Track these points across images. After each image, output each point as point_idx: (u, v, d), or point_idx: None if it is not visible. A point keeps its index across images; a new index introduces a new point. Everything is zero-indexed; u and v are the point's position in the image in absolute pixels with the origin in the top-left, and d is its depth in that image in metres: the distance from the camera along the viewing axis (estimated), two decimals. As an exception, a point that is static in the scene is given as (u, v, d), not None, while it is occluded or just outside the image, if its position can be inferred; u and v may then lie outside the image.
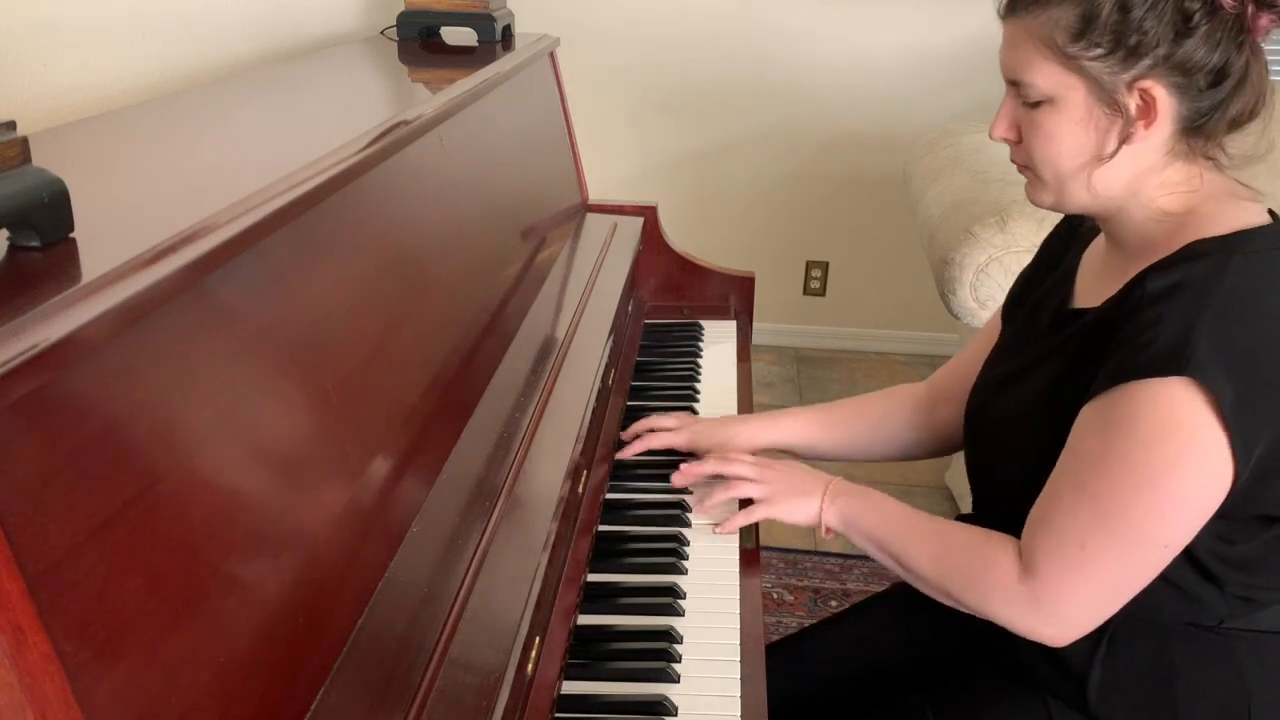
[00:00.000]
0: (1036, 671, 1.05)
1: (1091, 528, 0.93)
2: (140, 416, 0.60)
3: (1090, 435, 0.94)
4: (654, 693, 0.96)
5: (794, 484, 1.17)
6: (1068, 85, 0.94)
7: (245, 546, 0.67)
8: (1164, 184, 0.97)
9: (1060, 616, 0.97)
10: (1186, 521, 0.92)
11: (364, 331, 0.91)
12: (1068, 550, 0.94)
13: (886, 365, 3.38)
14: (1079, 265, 1.11)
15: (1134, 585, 0.95)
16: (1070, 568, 0.94)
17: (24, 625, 0.48)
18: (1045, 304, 1.12)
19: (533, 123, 1.67)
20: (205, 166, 0.95)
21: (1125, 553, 0.93)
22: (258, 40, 1.78)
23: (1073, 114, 0.95)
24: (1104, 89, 0.93)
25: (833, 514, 1.14)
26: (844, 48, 3.14)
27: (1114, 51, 0.92)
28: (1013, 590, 0.98)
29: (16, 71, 1.21)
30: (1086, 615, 0.97)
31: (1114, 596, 0.96)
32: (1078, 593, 0.95)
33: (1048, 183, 1.00)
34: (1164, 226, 0.98)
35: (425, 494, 0.93)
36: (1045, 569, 0.96)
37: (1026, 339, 1.12)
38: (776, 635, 2.04)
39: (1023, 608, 0.98)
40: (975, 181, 2.13)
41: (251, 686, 0.64)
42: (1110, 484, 0.91)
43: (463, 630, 0.79)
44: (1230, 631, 1.00)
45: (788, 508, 1.16)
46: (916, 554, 1.07)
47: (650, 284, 1.85)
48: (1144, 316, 0.91)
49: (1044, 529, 0.97)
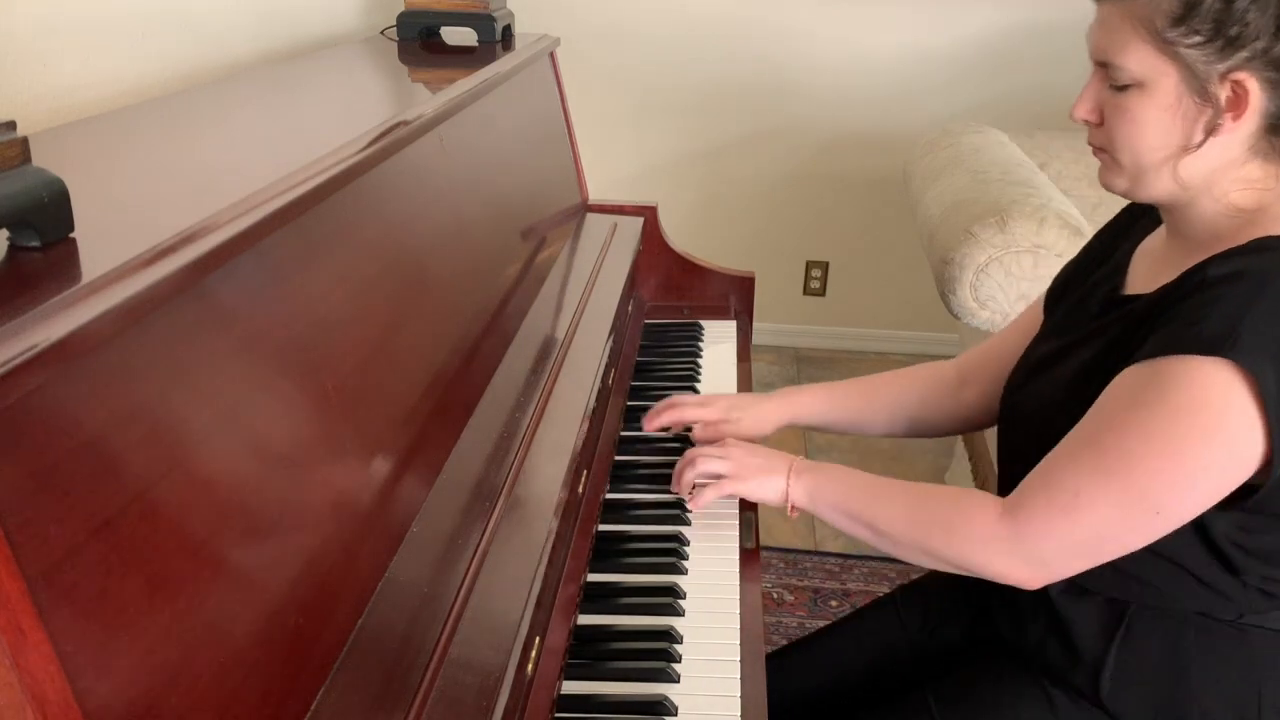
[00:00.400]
0: (1048, 658, 1.05)
1: (1089, 477, 0.94)
2: (140, 416, 0.60)
3: (1118, 397, 0.95)
4: (654, 693, 0.96)
5: (759, 462, 1.18)
6: (1160, 70, 0.93)
7: (245, 546, 0.67)
8: (1240, 179, 0.96)
9: (1037, 557, 0.98)
10: (1190, 497, 0.92)
11: (364, 331, 0.91)
12: (1060, 494, 0.95)
13: (886, 365, 3.36)
14: (1133, 255, 1.11)
15: (1117, 545, 0.96)
16: (1058, 510, 0.95)
17: (24, 625, 0.48)
18: (1095, 291, 1.12)
19: (533, 123, 1.67)
20: (205, 166, 0.95)
21: (1117, 508, 0.93)
22: (258, 40, 1.78)
23: (1162, 100, 0.94)
24: (1197, 77, 0.92)
25: (799, 490, 1.14)
26: (844, 48, 3.14)
27: (1213, 40, 0.91)
28: (991, 528, 0.99)
29: (16, 71, 1.21)
30: (1064, 562, 0.98)
31: (1095, 550, 0.96)
32: (1060, 537, 0.96)
33: (1125, 168, 0.99)
34: (1234, 222, 0.97)
35: (425, 494, 0.93)
36: (1031, 507, 0.97)
37: (1072, 323, 1.12)
38: (777, 635, 2.05)
39: (1001, 546, 0.99)
40: (975, 181, 2.13)
41: (251, 686, 0.64)
42: (1120, 440, 0.92)
43: (463, 630, 0.79)
44: (1248, 627, 0.99)
45: (755, 484, 1.17)
46: (889, 515, 1.07)
47: (650, 284, 1.85)
48: (1200, 298, 0.91)
49: (1040, 474, 0.98)
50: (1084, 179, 2.70)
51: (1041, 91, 3.08)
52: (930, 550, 1.05)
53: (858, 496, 1.11)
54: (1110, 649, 1.01)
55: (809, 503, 1.14)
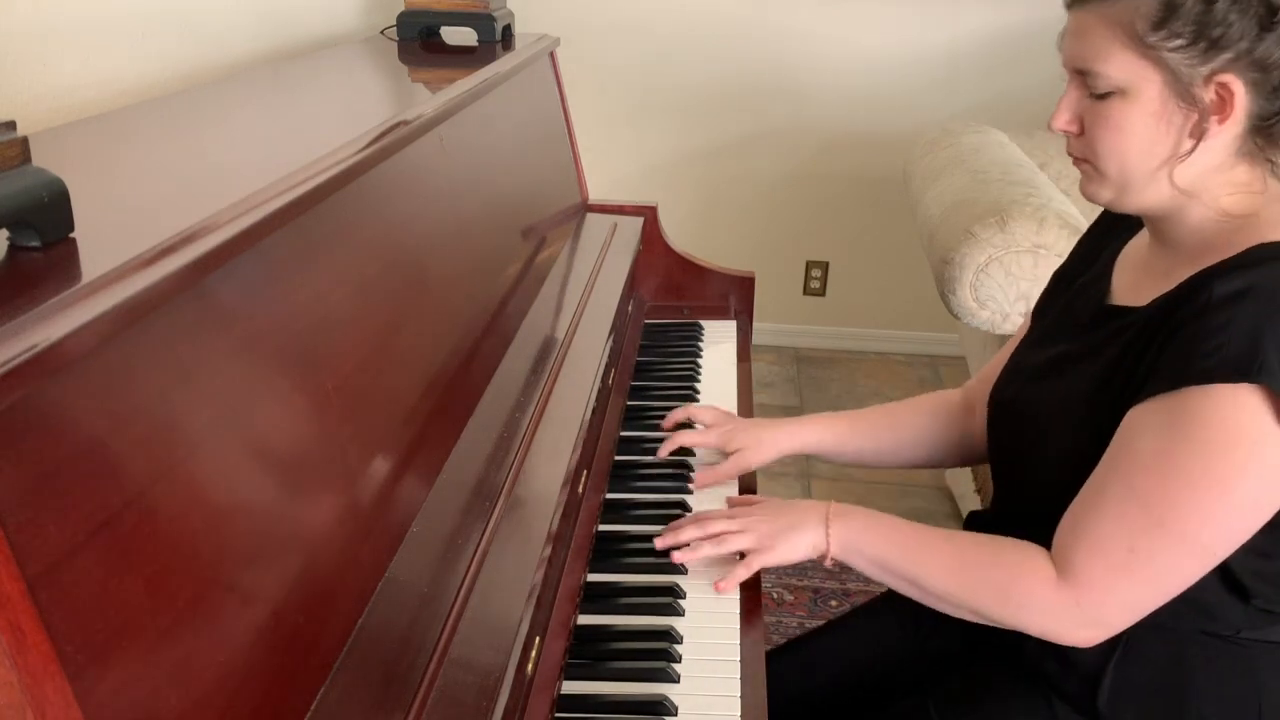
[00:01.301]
0: (1044, 672, 1.04)
1: (1141, 531, 0.91)
2: (140, 416, 0.60)
3: (1143, 437, 0.92)
4: (654, 693, 0.96)
5: (783, 522, 1.10)
6: (1143, 76, 0.92)
7: (245, 546, 0.67)
8: (1229, 183, 0.95)
9: (1100, 620, 0.96)
10: (1239, 530, 0.91)
11: (364, 331, 0.91)
12: (1114, 554, 0.92)
13: (886, 365, 3.38)
14: (1115, 261, 1.10)
15: (1176, 589, 0.94)
16: (1116, 571, 0.93)
17: (24, 625, 0.48)
18: (1081, 298, 1.10)
19: (533, 123, 1.67)
20: (205, 166, 0.95)
21: (1174, 558, 0.91)
22: (258, 40, 1.78)
23: (1146, 106, 0.92)
24: (1181, 81, 0.90)
25: (836, 543, 1.08)
26: (844, 48, 3.14)
27: (1195, 43, 0.89)
28: (1050, 598, 0.96)
29: (16, 71, 1.21)
30: (1126, 617, 0.96)
31: (1155, 599, 0.94)
32: (1121, 596, 0.94)
33: (1110, 177, 0.97)
34: (1223, 228, 0.96)
35: (425, 494, 0.93)
36: (1088, 572, 0.94)
37: (1060, 333, 1.11)
38: (777, 635, 2.05)
39: (1062, 614, 0.96)
40: (975, 181, 2.13)
41: (251, 686, 0.64)
42: (1164, 487, 0.90)
43: (463, 630, 0.79)
44: (1246, 641, 0.99)
45: (785, 549, 1.09)
46: (935, 573, 1.03)
47: (650, 284, 1.85)
48: (1211, 321, 0.88)
49: (1087, 531, 0.94)
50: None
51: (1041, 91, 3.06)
52: (981, 613, 1.02)
53: (899, 551, 1.05)
54: (1108, 664, 1.00)
55: (843, 554, 1.08)
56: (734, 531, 1.11)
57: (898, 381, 3.26)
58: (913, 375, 3.31)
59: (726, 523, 1.12)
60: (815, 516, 1.09)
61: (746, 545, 1.10)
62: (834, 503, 1.11)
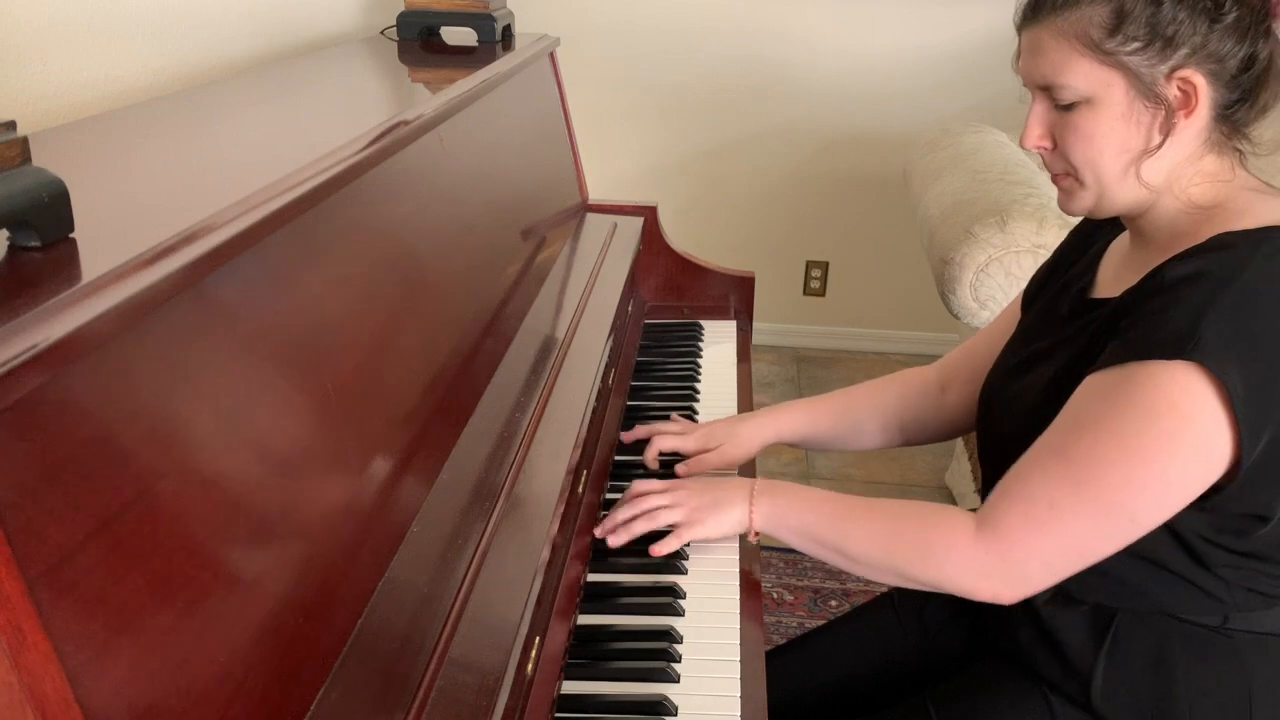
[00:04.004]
0: (1039, 668, 1.05)
1: (1063, 489, 0.93)
2: (140, 416, 0.60)
3: (1081, 405, 0.95)
4: (654, 693, 0.96)
5: (711, 497, 1.13)
6: (1106, 82, 0.94)
7: (245, 546, 0.67)
8: (1197, 174, 0.97)
9: (1018, 575, 0.97)
10: (1163, 501, 0.92)
11: (364, 331, 0.91)
12: (1034, 507, 0.95)
13: (886, 365, 3.38)
14: (1103, 256, 1.11)
15: (1094, 553, 0.96)
16: (1034, 525, 0.95)
17: (24, 625, 0.48)
18: (1066, 292, 1.12)
19: (533, 123, 1.67)
20: (205, 166, 0.95)
21: (1093, 519, 0.93)
22: (258, 40, 1.78)
23: (1113, 110, 0.95)
24: (1143, 82, 0.93)
25: (760, 517, 1.10)
26: (844, 47, 3.13)
27: (1151, 43, 0.92)
28: (969, 550, 0.98)
29: (16, 71, 1.21)
30: (1043, 576, 0.98)
31: (1073, 560, 0.96)
32: (1039, 551, 0.96)
33: (1088, 186, 0.99)
34: (1193, 218, 0.98)
35: (425, 494, 0.93)
36: (1008, 525, 0.96)
37: (1045, 326, 1.12)
38: (777, 635, 2.05)
39: (980, 567, 0.98)
40: (975, 181, 2.13)
41: (251, 686, 0.64)
42: (1091, 449, 0.92)
43: (463, 630, 0.79)
44: (1234, 632, 0.99)
45: (713, 523, 1.12)
46: (857, 537, 1.05)
47: (650, 284, 1.85)
48: (1160, 300, 0.91)
49: (1013, 488, 0.97)
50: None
51: (1041, 91, 3.08)
52: (905, 574, 1.03)
53: (821, 519, 1.07)
54: (1098, 658, 1.01)
55: (768, 526, 1.11)
56: (664, 506, 1.13)
57: (898, 381, 3.26)
58: (913, 375, 3.31)
59: (658, 497, 1.14)
60: (741, 493, 1.12)
61: (676, 519, 1.12)
62: (759, 480, 1.13)
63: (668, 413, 1.47)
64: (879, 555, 1.04)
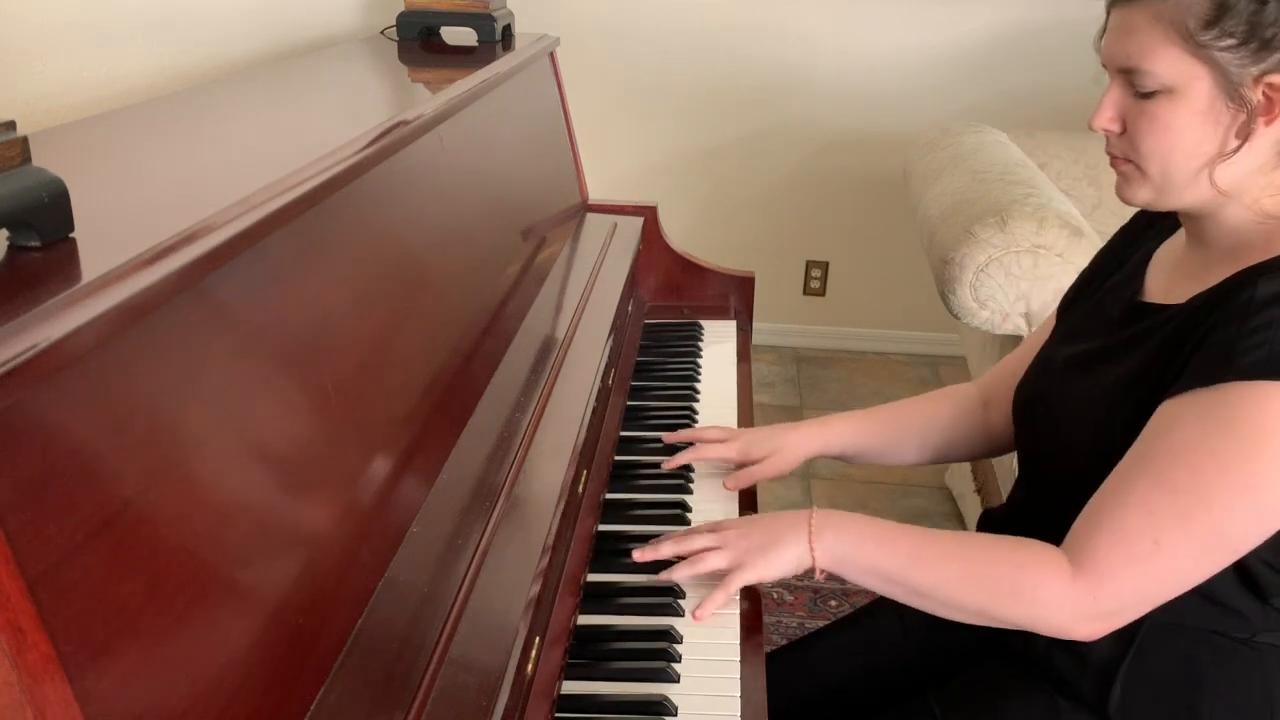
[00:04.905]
0: (1056, 670, 1.03)
1: (1168, 523, 0.89)
2: (140, 416, 0.60)
3: (1176, 430, 0.91)
4: (654, 693, 0.96)
5: (764, 537, 1.05)
6: (1192, 75, 0.91)
7: (245, 546, 0.67)
8: (1270, 185, 0.95)
9: (1111, 611, 0.94)
10: (1263, 528, 0.90)
11: (364, 331, 0.91)
12: (1138, 545, 0.90)
13: (886, 365, 3.38)
14: (1150, 261, 1.09)
15: (1191, 583, 0.93)
16: (1137, 562, 0.91)
17: (24, 625, 0.48)
18: (1114, 296, 1.10)
19: (533, 123, 1.67)
20: (205, 166, 0.95)
21: (1197, 551, 0.90)
22: (257, 40, 1.78)
23: (1194, 105, 0.92)
24: (1230, 81, 0.90)
25: (824, 554, 1.03)
26: (844, 48, 3.14)
27: (1247, 43, 0.89)
28: (1065, 592, 0.93)
29: (16, 71, 1.21)
30: (1136, 610, 0.94)
31: (1170, 592, 0.93)
32: (1139, 587, 0.92)
33: (1151, 177, 0.96)
34: (1263, 229, 0.95)
35: (425, 494, 0.93)
36: (1108, 563, 0.92)
37: (1092, 328, 1.10)
38: (777, 635, 2.05)
39: (1077, 608, 0.94)
40: (975, 181, 2.13)
41: (251, 686, 0.64)
42: (1195, 479, 0.89)
43: (463, 630, 0.79)
44: (1262, 645, 0.98)
45: (765, 565, 1.04)
46: (939, 578, 1.00)
47: (650, 284, 1.85)
48: (1254, 320, 0.88)
49: (1109, 522, 0.92)
50: (1084, 179, 2.70)
51: (1041, 91, 3.08)
52: (991, 615, 0.99)
53: (898, 560, 1.01)
54: (1122, 664, 0.99)
55: (835, 566, 1.04)
56: (711, 547, 1.07)
57: (898, 382, 3.26)
58: (913, 375, 3.31)
59: (705, 538, 1.08)
60: (797, 530, 1.04)
61: (724, 564, 1.05)
62: (816, 511, 1.06)
63: (668, 412, 1.47)
64: (963, 596, 0.99)
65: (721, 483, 1.29)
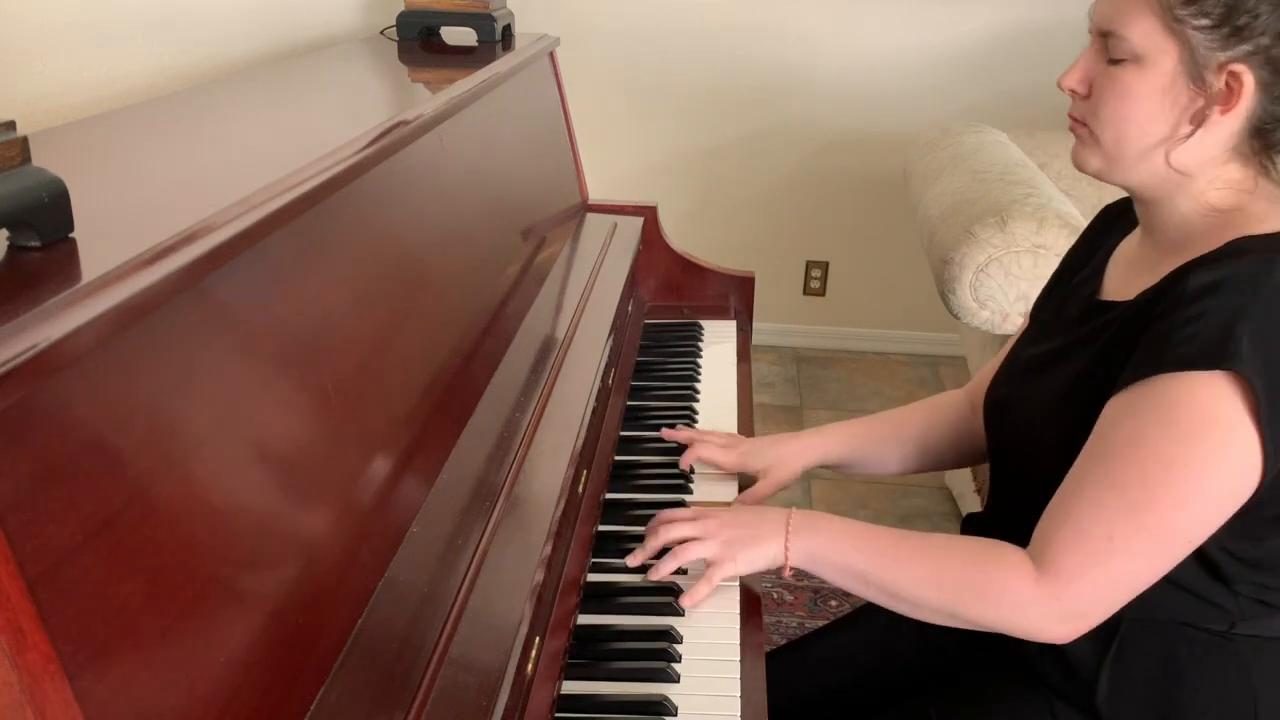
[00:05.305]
0: (1043, 674, 1.04)
1: (1119, 519, 0.91)
2: (140, 416, 0.60)
3: (1119, 426, 0.92)
4: (654, 693, 0.96)
5: (745, 531, 1.06)
6: (1162, 49, 0.93)
7: (245, 546, 0.67)
8: (1219, 179, 0.96)
9: (1078, 612, 0.95)
10: (1213, 517, 0.91)
11: (364, 331, 0.91)
12: (1092, 543, 0.92)
13: (886, 365, 3.38)
14: (1109, 259, 1.10)
15: (1151, 579, 0.94)
16: (1094, 560, 0.92)
17: (24, 625, 0.48)
18: (1075, 295, 1.11)
19: (532, 123, 1.68)
20: (205, 166, 0.95)
21: (1151, 545, 0.91)
22: (257, 40, 1.78)
23: (1156, 79, 0.93)
24: (1195, 62, 0.92)
25: (798, 553, 1.04)
26: (844, 48, 3.14)
27: (1220, 26, 0.90)
28: (1029, 593, 0.94)
29: (16, 71, 1.21)
30: (1102, 609, 0.95)
31: (1130, 589, 0.94)
32: (1101, 587, 0.93)
33: (1103, 146, 0.98)
34: (1209, 222, 0.96)
35: (425, 494, 0.93)
36: (1067, 564, 0.93)
37: (1053, 329, 1.11)
38: (777, 635, 2.05)
39: (1041, 609, 0.94)
40: (975, 181, 2.13)
41: (251, 686, 0.64)
42: (1141, 474, 0.90)
43: (463, 630, 0.79)
44: (1240, 638, 0.99)
45: (745, 559, 1.05)
46: (908, 578, 1.01)
47: (650, 284, 1.85)
48: (1186, 311, 0.90)
49: (1065, 523, 0.94)
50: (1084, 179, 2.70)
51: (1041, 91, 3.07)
52: (959, 616, 0.99)
53: (869, 559, 1.02)
54: (1103, 665, 1.00)
55: (809, 564, 1.05)
56: (693, 537, 1.08)
57: (897, 382, 3.26)
58: (913, 375, 3.31)
59: (685, 527, 1.09)
60: (776, 526, 1.05)
61: (707, 554, 1.07)
62: (795, 511, 1.07)
63: (668, 412, 1.47)
64: (932, 597, 1.00)
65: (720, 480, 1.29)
